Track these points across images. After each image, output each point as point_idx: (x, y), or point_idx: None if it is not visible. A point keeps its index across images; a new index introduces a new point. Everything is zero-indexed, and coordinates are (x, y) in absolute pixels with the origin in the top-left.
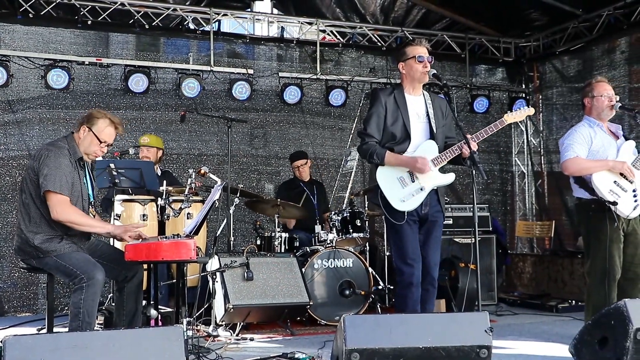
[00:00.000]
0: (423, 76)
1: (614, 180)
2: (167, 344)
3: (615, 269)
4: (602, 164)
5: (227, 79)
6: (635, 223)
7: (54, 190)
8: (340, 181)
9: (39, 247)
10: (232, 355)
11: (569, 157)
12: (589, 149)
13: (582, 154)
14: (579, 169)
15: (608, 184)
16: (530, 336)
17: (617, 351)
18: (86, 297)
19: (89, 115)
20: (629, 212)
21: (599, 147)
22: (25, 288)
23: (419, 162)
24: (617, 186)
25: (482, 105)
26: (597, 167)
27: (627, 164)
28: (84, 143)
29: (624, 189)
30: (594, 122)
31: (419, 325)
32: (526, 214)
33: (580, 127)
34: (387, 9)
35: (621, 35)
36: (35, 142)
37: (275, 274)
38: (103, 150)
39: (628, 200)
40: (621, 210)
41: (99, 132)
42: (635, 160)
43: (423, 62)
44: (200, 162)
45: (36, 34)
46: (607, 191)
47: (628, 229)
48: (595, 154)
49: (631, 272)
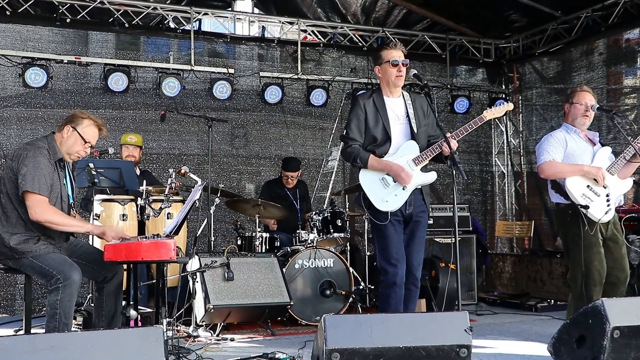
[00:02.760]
0: (398, 80)
1: (587, 185)
2: (147, 345)
3: (596, 274)
4: (577, 168)
5: (208, 78)
6: (616, 228)
7: (32, 191)
8: (321, 181)
9: (14, 248)
10: (213, 356)
11: (545, 160)
12: (564, 152)
13: (558, 157)
14: (554, 172)
15: (581, 188)
16: (510, 335)
17: (594, 350)
18: (62, 298)
19: (73, 116)
20: (600, 216)
21: (573, 151)
22: (2, 289)
23: (403, 174)
24: (590, 190)
25: (463, 106)
26: (572, 171)
27: (602, 169)
28: (67, 143)
29: (597, 194)
30: (571, 129)
31: (399, 325)
32: (506, 214)
33: (557, 132)
34: (368, 9)
35: (599, 37)
36: (13, 141)
37: (255, 274)
38: (86, 151)
39: (601, 204)
40: (593, 214)
41: (84, 132)
42: (610, 165)
43: (397, 65)
44: (181, 162)
45: (13, 31)
46: (580, 195)
47: (607, 233)
48: (570, 157)
49: (612, 277)
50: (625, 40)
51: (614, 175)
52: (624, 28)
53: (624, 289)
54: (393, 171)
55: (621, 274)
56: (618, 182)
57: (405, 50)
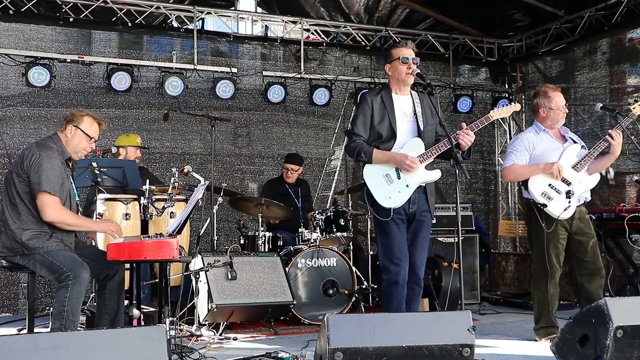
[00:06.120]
0: (408, 77)
1: (548, 183)
2: (150, 344)
3: (553, 267)
4: (534, 168)
5: (211, 77)
6: (583, 222)
7: (47, 191)
8: (323, 180)
9: (26, 243)
10: (215, 355)
11: (505, 166)
12: (531, 155)
13: (520, 161)
14: (514, 177)
15: (541, 187)
16: (513, 335)
17: (597, 349)
18: (71, 295)
19: (72, 115)
20: (559, 213)
21: (541, 152)
22: (5, 288)
23: (409, 159)
24: (551, 188)
25: (466, 105)
26: (530, 172)
27: (557, 164)
28: (73, 142)
29: (558, 191)
30: (540, 128)
31: (402, 324)
32: (509, 213)
33: (526, 133)
34: (371, 9)
35: (602, 36)
36: (16, 140)
37: (258, 273)
38: (92, 146)
39: (560, 201)
40: (551, 211)
41: (88, 129)
42: (577, 162)
43: (407, 63)
44: (184, 161)
45: (17, 30)
46: (539, 194)
47: (572, 228)
48: (538, 158)
49: (585, 269)
50: (628, 40)
51: (579, 172)
52: (627, 27)
53: (602, 280)
54: (397, 161)
55: (593, 266)
56: (583, 179)
57: (415, 49)
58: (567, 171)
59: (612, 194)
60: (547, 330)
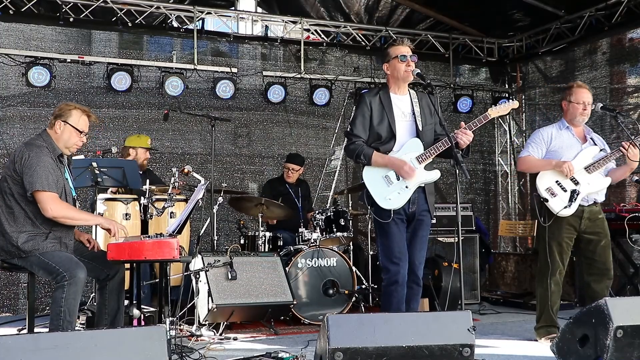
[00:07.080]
0: (407, 75)
1: (556, 180)
2: (150, 344)
3: (555, 263)
4: (547, 163)
5: (211, 77)
6: (594, 222)
7: (42, 189)
8: (324, 180)
9: (21, 247)
10: (216, 355)
11: (521, 156)
12: (547, 149)
13: (536, 154)
14: (527, 167)
15: (548, 182)
16: (513, 335)
17: (597, 349)
18: (67, 296)
19: (60, 110)
20: (558, 210)
21: (557, 148)
22: (5, 288)
23: (406, 167)
24: (557, 185)
25: (466, 105)
26: (542, 167)
27: (568, 162)
28: (63, 137)
29: (564, 189)
30: (564, 125)
31: (402, 324)
32: (509, 213)
33: (549, 127)
34: (371, 9)
35: (602, 36)
36: (16, 140)
37: (258, 273)
38: (83, 140)
39: (562, 199)
40: (551, 207)
41: (76, 123)
42: (590, 165)
43: (406, 60)
44: (184, 161)
45: (17, 30)
46: (544, 189)
47: (582, 227)
48: (553, 153)
49: (594, 268)
50: (628, 40)
51: (591, 174)
52: (628, 27)
53: (609, 281)
54: (396, 166)
55: (602, 266)
56: (593, 181)
57: (412, 47)
58: (579, 171)
59: (612, 194)
60: (548, 330)
